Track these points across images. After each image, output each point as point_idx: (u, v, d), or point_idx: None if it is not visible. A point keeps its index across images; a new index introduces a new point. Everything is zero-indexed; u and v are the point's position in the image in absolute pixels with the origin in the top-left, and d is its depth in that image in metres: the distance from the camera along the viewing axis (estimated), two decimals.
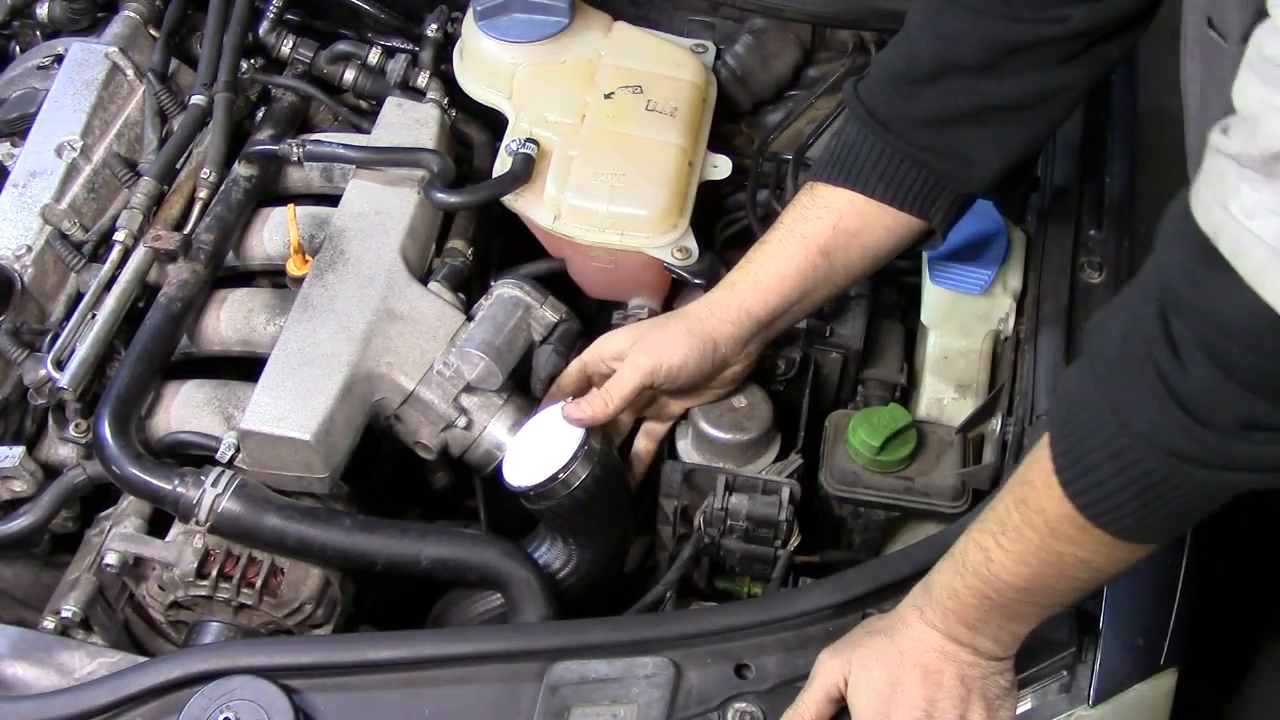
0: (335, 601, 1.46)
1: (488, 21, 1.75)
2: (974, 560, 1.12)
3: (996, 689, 1.19)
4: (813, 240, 1.43)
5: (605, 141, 1.65)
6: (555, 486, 1.38)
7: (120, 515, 1.47)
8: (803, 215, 1.45)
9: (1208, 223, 0.88)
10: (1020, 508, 1.08)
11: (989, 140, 1.38)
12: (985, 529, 1.12)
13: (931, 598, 1.17)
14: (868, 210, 1.43)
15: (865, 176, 1.41)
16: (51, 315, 1.58)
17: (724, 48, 1.88)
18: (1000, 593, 1.12)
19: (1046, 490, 1.04)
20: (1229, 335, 0.89)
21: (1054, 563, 1.08)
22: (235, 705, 1.19)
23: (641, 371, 1.43)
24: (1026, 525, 1.07)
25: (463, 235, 1.67)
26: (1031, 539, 1.07)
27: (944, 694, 1.17)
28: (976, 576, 1.12)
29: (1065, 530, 1.05)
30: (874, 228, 1.44)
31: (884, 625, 1.21)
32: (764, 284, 1.45)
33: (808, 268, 1.44)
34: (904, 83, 1.39)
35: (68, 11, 1.85)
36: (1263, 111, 0.85)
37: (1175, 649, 1.35)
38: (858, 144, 1.42)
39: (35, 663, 1.33)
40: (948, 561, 1.17)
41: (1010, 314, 1.64)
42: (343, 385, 1.45)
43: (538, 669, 1.24)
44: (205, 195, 1.63)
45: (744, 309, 1.45)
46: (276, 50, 1.83)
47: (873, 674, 1.17)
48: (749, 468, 1.51)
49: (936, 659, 1.17)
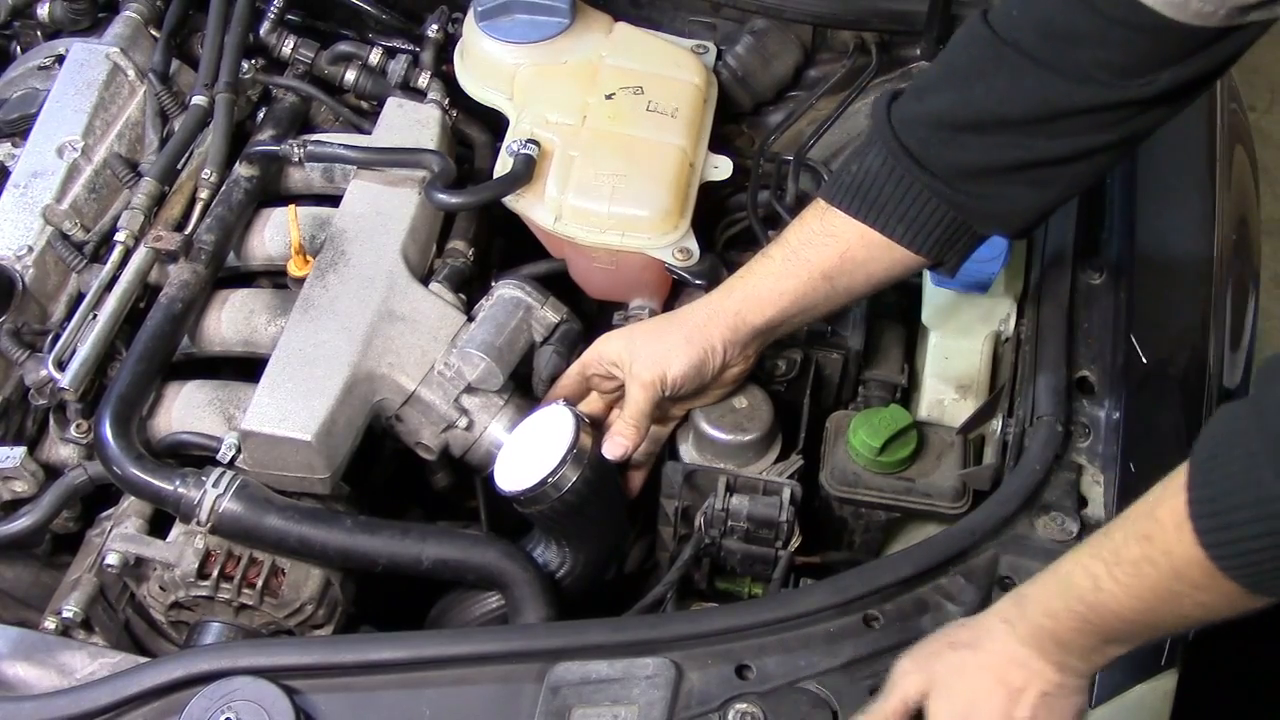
0: (336, 602, 1.46)
1: (489, 22, 1.75)
2: (1081, 585, 1.09)
3: (1074, 709, 1.16)
4: (816, 265, 1.41)
5: (606, 142, 1.65)
6: (545, 491, 1.38)
7: (121, 516, 1.47)
8: (809, 240, 1.41)
9: None
10: (1142, 542, 1.04)
11: (1033, 190, 1.32)
12: (1097, 555, 1.08)
13: (1024, 613, 1.14)
14: (877, 244, 1.38)
15: (886, 215, 1.36)
16: (53, 316, 1.58)
17: (725, 48, 1.88)
18: (1104, 619, 1.09)
19: (1177, 532, 1.00)
20: None
21: (1169, 601, 1.04)
22: (236, 706, 1.19)
23: (649, 388, 1.44)
24: (1146, 561, 1.03)
25: (464, 236, 1.67)
26: (1150, 575, 1.03)
27: (1024, 713, 1.14)
28: (1081, 601, 1.09)
29: (1191, 574, 1.00)
30: (881, 260, 1.40)
31: (967, 637, 1.18)
32: (762, 297, 1.44)
33: (808, 289, 1.42)
34: (948, 128, 1.31)
35: (69, 12, 1.85)
36: None
37: (1175, 650, 1.35)
38: (883, 178, 1.34)
39: (36, 663, 1.34)
40: (1048, 580, 1.13)
41: (1011, 315, 1.64)
42: (344, 386, 1.45)
43: (539, 670, 1.24)
44: (206, 196, 1.63)
45: (740, 316, 1.44)
46: (277, 51, 1.83)
47: (953, 687, 1.15)
48: (750, 469, 1.51)
49: (1021, 675, 1.14)
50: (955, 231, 1.36)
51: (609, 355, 1.48)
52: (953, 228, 1.36)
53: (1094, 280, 1.57)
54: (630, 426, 1.45)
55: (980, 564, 1.32)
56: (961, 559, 1.33)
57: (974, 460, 1.54)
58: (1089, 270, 1.58)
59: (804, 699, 1.23)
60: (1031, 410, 1.44)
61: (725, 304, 1.45)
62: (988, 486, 1.48)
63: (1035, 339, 1.51)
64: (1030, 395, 1.46)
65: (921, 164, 1.32)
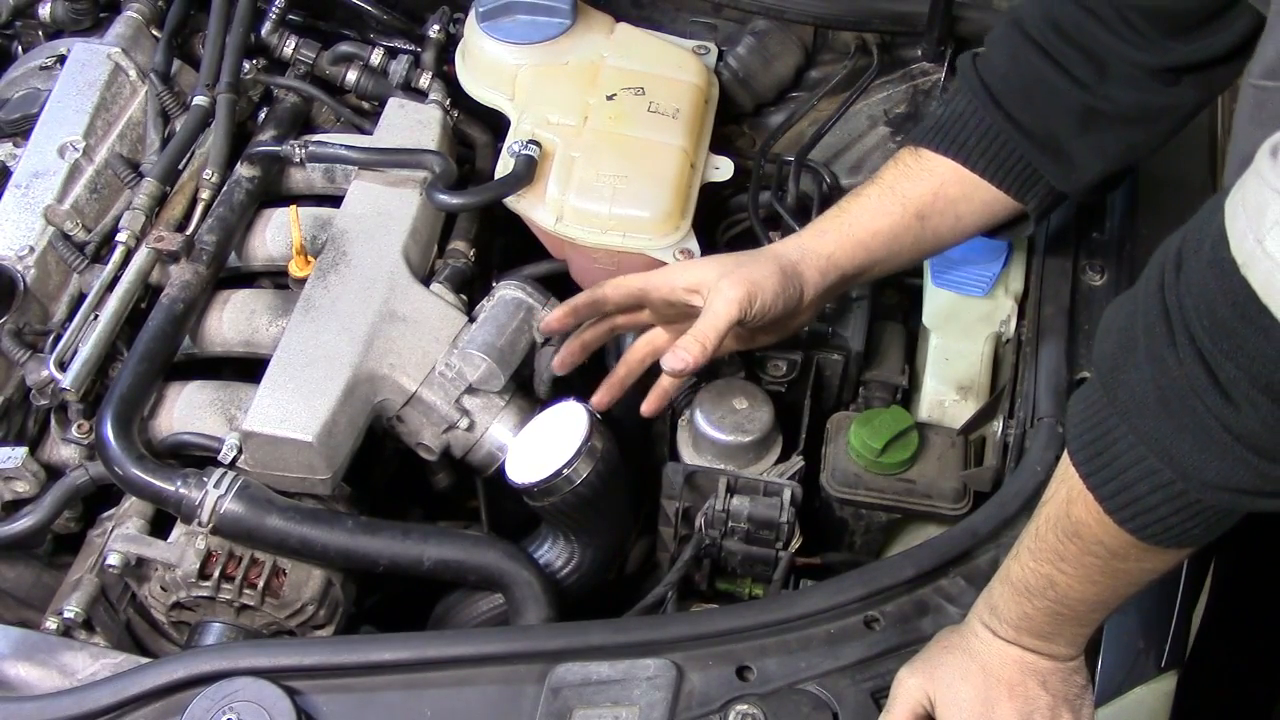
0: (337, 602, 1.46)
1: (490, 23, 1.75)
2: (1038, 586, 1.12)
3: (1075, 688, 1.19)
4: (912, 201, 1.43)
5: (607, 143, 1.65)
6: (559, 483, 1.38)
7: (122, 516, 1.48)
8: (905, 174, 1.44)
9: (1239, 251, 0.85)
10: (1074, 539, 1.07)
11: (1091, 145, 1.39)
12: (1040, 558, 1.11)
13: (1001, 617, 1.17)
14: (969, 181, 1.43)
15: (970, 149, 1.42)
16: (54, 316, 1.58)
17: (726, 49, 1.88)
18: (1072, 607, 1.12)
19: (1100, 526, 1.04)
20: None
21: (1122, 575, 1.08)
22: (238, 706, 1.19)
23: (736, 305, 1.37)
24: (1085, 554, 1.07)
25: (465, 236, 1.67)
26: (1095, 563, 1.07)
27: (1035, 707, 1.17)
28: (1045, 598, 1.12)
29: (1130, 553, 1.05)
30: (972, 200, 1.44)
31: (958, 642, 1.20)
32: (856, 236, 1.43)
33: (900, 228, 1.43)
34: (1022, 66, 1.40)
35: (70, 12, 1.85)
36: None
37: (1175, 652, 1.35)
38: (967, 115, 1.42)
39: (38, 663, 1.34)
40: (1006, 590, 1.16)
41: (1012, 316, 1.64)
42: (345, 387, 1.45)
43: (540, 671, 1.24)
44: (207, 196, 1.63)
45: (832, 259, 1.43)
46: (279, 51, 1.83)
47: (960, 693, 1.17)
48: (750, 469, 1.51)
49: (1018, 672, 1.17)
50: (1031, 174, 1.42)
51: (687, 279, 1.43)
52: (1028, 170, 1.42)
53: (1095, 281, 1.57)
54: (701, 343, 1.36)
55: (981, 565, 1.32)
56: (962, 560, 1.33)
57: (975, 462, 1.55)
58: (1090, 271, 1.58)
59: (804, 700, 1.23)
60: (1032, 412, 1.45)
61: (819, 245, 1.43)
62: (988, 488, 1.48)
63: (1036, 340, 1.51)
64: (1031, 396, 1.46)
65: (998, 102, 1.40)
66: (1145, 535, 1.02)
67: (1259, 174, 0.84)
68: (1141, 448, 0.98)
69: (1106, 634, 1.30)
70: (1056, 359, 1.48)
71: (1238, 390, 0.89)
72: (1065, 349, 1.49)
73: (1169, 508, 0.99)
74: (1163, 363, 0.94)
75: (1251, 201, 0.84)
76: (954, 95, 1.47)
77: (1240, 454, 0.92)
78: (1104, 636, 1.30)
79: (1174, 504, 0.98)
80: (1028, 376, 1.50)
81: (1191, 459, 0.95)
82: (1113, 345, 1.00)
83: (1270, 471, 0.92)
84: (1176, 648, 1.35)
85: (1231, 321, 0.87)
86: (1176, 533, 1.01)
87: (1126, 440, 0.99)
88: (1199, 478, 0.95)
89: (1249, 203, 0.85)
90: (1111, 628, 1.30)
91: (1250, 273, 0.84)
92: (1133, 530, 1.02)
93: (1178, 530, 1.01)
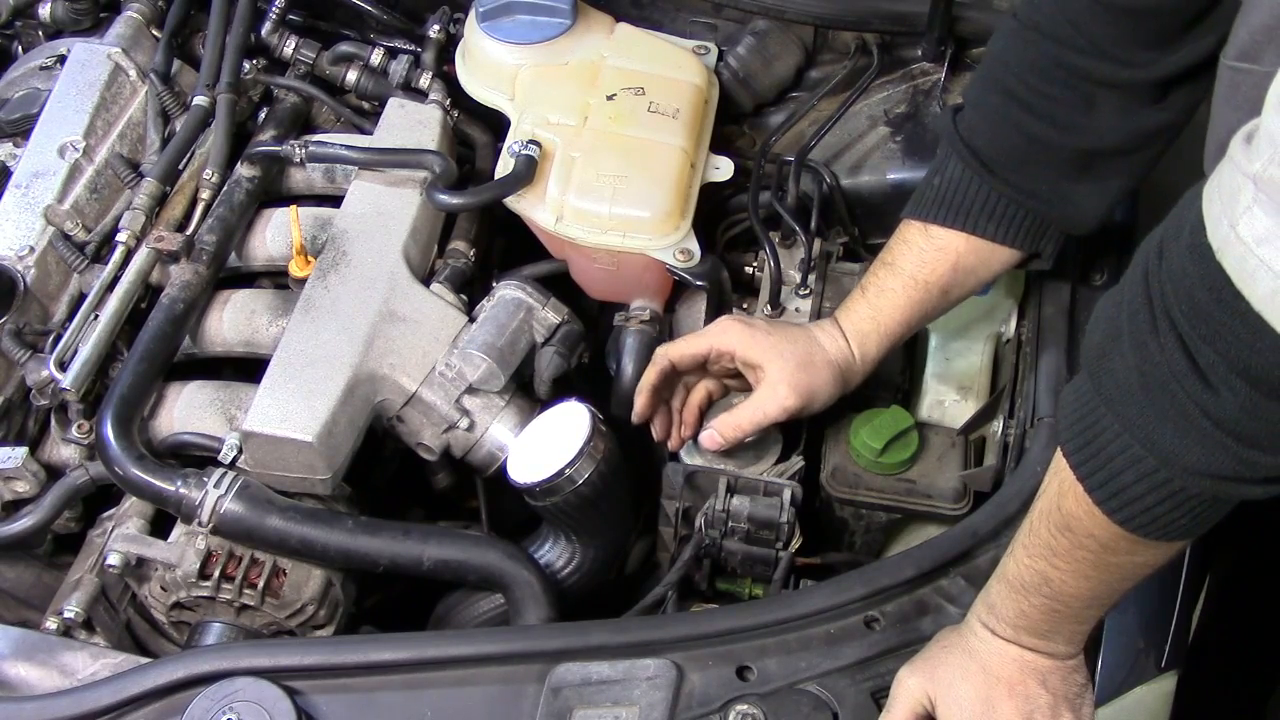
0: (337, 602, 1.46)
1: (490, 23, 1.75)
2: (1033, 583, 1.13)
3: (1075, 687, 1.20)
4: (935, 284, 1.47)
5: (607, 143, 1.65)
6: (561, 482, 1.38)
7: (123, 516, 1.48)
8: (921, 258, 1.47)
9: (1215, 236, 0.86)
10: (1066, 534, 1.08)
11: (1093, 187, 1.40)
12: (1034, 554, 1.12)
13: (999, 616, 1.18)
14: (984, 249, 1.46)
15: (976, 218, 1.44)
16: (54, 316, 1.58)
17: (726, 49, 1.87)
18: (1067, 604, 1.13)
19: (1091, 519, 1.05)
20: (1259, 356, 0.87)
21: (1115, 569, 1.09)
22: (238, 706, 1.19)
23: (784, 411, 1.46)
24: (1077, 548, 1.08)
25: (465, 236, 1.67)
26: (1087, 558, 1.08)
27: (1035, 706, 1.17)
28: (1040, 595, 1.13)
29: (1121, 546, 1.06)
30: (990, 263, 1.47)
31: (958, 641, 1.21)
32: (893, 333, 1.50)
33: (927, 306, 1.49)
34: (1006, 124, 1.40)
35: (70, 12, 1.85)
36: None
37: (1175, 653, 1.35)
38: (964, 184, 1.43)
39: (38, 663, 1.34)
40: (1002, 587, 1.17)
41: (1012, 316, 1.64)
42: (345, 387, 1.45)
43: (540, 671, 1.24)
44: (208, 196, 1.63)
45: (874, 359, 1.50)
46: (279, 51, 1.83)
47: (960, 692, 1.18)
48: (750, 470, 1.51)
49: (1018, 671, 1.18)
50: (1040, 224, 1.44)
51: (752, 357, 1.48)
52: (1036, 222, 1.44)
53: (1095, 282, 1.57)
54: (738, 430, 1.48)
55: (981, 566, 1.32)
56: (962, 560, 1.33)
57: (975, 462, 1.55)
58: (1090, 272, 1.58)
59: (804, 700, 1.23)
60: (1032, 412, 1.45)
61: (866, 349, 1.49)
62: (989, 488, 1.48)
63: (1036, 340, 1.51)
64: (1031, 396, 1.46)
65: (990, 168, 1.41)
66: (1132, 526, 1.02)
67: (1232, 160, 0.85)
68: (1126, 436, 0.99)
69: (1106, 634, 1.31)
70: (1056, 359, 1.48)
71: (1216, 375, 0.90)
72: (1065, 349, 1.49)
73: (1154, 497, 0.99)
74: (1145, 349, 0.95)
75: (1226, 187, 0.85)
76: (944, 161, 1.46)
77: (1220, 439, 0.93)
78: (1104, 636, 1.30)
79: (1159, 493, 0.99)
80: (1028, 376, 1.51)
81: (1173, 445, 0.96)
82: (1100, 335, 1.01)
83: (1249, 457, 0.93)
84: (1176, 648, 1.35)
85: (1209, 306, 0.88)
86: (1163, 523, 1.01)
87: (1112, 429, 1.00)
88: (1180, 464, 0.96)
89: (1224, 188, 0.86)
90: (1111, 627, 1.31)
91: (1225, 258, 0.85)
92: (1120, 521, 1.03)
93: (1164, 521, 1.01)
